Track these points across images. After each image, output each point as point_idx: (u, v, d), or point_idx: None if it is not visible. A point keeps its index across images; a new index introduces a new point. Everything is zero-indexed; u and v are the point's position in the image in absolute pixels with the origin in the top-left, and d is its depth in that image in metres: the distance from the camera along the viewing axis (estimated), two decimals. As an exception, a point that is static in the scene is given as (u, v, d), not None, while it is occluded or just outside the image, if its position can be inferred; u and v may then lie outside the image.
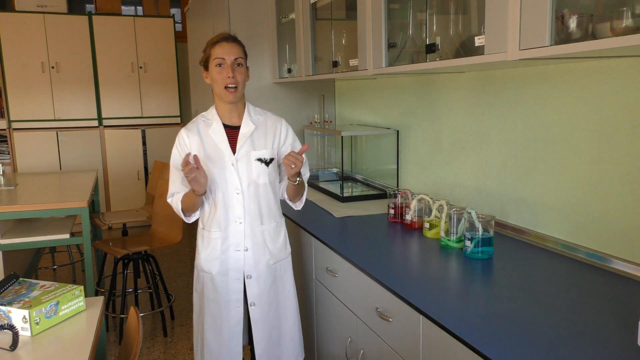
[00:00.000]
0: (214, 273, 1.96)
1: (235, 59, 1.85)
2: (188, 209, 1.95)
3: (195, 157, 1.77)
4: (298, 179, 1.91)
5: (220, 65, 1.85)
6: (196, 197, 1.87)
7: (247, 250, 1.96)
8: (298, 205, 2.08)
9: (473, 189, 2.18)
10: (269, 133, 1.98)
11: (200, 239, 2.01)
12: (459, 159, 2.26)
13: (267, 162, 1.95)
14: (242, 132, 1.94)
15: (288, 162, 1.80)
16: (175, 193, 1.97)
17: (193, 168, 1.75)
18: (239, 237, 1.95)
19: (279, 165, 2.03)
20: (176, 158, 1.95)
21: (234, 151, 1.92)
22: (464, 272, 1.61)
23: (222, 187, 1.91)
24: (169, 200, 1.99)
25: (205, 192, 1.90)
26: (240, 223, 1.94)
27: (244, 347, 2.08)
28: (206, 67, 1.91)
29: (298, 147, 2.03)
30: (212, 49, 1.87)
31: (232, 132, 1.94)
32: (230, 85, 1.85)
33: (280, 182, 2.07)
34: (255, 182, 1.93)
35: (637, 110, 1.47)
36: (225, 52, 1.85)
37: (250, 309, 1.99)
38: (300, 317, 2.13)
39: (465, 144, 2.20)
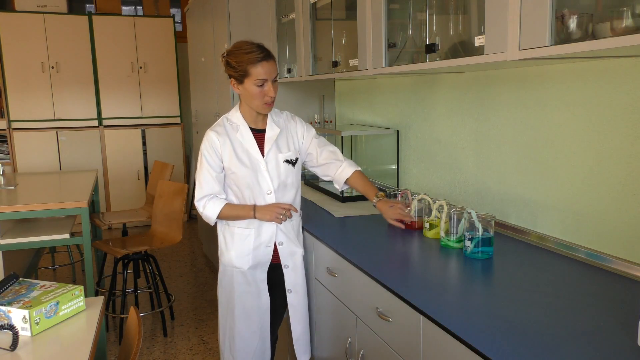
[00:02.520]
0: (245, 268, 2.05)
1: (275, 76, 1.91)
2: (229, 218, 2.02)
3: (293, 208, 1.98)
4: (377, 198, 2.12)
5: (261, 85, 1.88)
6: (251, 217, 1.99)
7: (282, 244, 2.08)
8: (341, 188, 2.23)
9: (473, 189, 2.18)
10: (290, 135, 2.10)
11: (229, 237, 2.06)
12: (459, 159, 2.26)
13: (294, 163, 2.07)
14: (268, 135, 2.02)
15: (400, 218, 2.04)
16: (208, 196, 1.97)
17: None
18: (271, 234, 2.05)
19: (304, 156, 2.17)
20: (209, 159, 1.96)
21: (262, 154, 2.01)
22: (464, 272, 1.61)
23: (255, 189, 1.99)
24: (198, 203, 1.98)
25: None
26: (273, 223, 2.03)
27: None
28: (239, 81, 1.91)
29: (312, 133, 2.16)
30: (252, 69, 1.86)
31: (257, 135, 2.02)
32: (269, 102, 1.93)
33: (318, 167, 2.19)
34: (285, 182, 2.04)
35: (637, 110, 1.47)
36: (267, 73, 1.87)
37: (288, 295, 2.14)
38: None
39: (465, 144, 2.20)
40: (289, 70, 3.24)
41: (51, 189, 3.54)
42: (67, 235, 3.15)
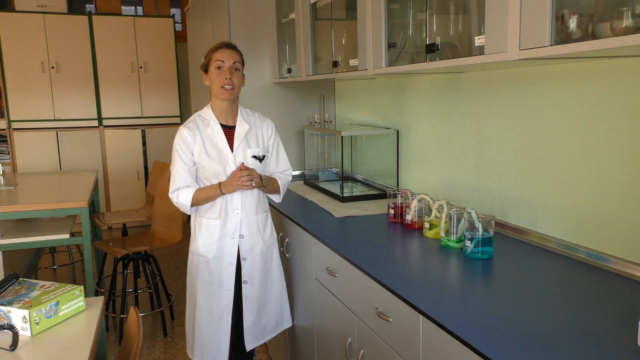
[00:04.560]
0: (210, 257, 2.15)
1: (234, 62, 2.08)
2: (201, 202, 2.12)
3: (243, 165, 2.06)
4: (263, 182, 2.11)
5: (219, 67, 2.06)
6: (219, 194, 2.08)
7: (242, 237, 2.17)
8: (277, 199, 2.31)
9: (473, 189, 2.18)
10: (259, 132, 2.21)
11: (197, 226, 2.18)
12: (459, 159, 2.26)
13: (261, 159, 2.18)
14: (238, 131, 2.15)
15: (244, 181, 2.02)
16: (181, 188, 2.11)
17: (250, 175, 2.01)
18: (236, 226, 2.15)
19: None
20: (181, 153, 2.09)
21: (231, 149, 2.11)
22: (464, 272, 1.61)
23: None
24: (172, 195, 2.12)
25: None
26: (238, 213, 2.15)
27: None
28: (206, 70, 2.11)
29: (278, 144, 2.28)
30: (213, 54, 2.09)
31: (228, 131, 2.14)
32: (226, 86, 2.06)
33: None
34: None
35: (637, 110, 1.47)
36: (225, 57, 2.07)
37: (243, 286, 2.21)
38: (287, 290, 2.39)
39: (465, 144, 2.20)
40: (289, 70, 3.24)
41: (51, 189, 3.54)
42: (67, 235, 3.15)
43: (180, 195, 2.10)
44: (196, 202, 2.11)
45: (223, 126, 2.13)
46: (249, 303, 2.22)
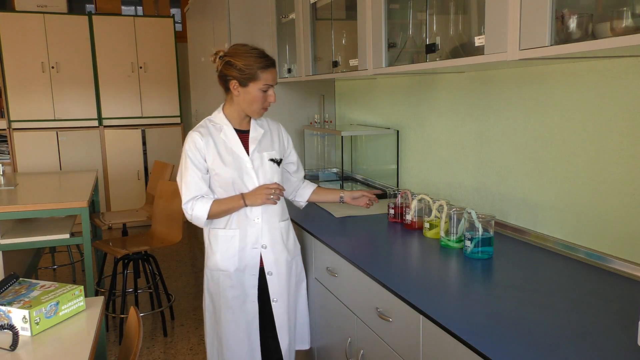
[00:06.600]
0: (232, 270, 2.00)
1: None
2: (219, 215, 1.96)
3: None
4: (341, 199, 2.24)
5: (266, 90, 1.93)
6: (243, 206, 1.96)
7: (265, 247, 2.03)
8: (303, 205, 2.30)
9: (473, 189, 2.18)
10: (274, 136, 2.11)
11: (214, 239, 2.01)
12: (459, 159, 2.26)
13: (278, 162, 2.07)
14: (252, 135, 2.03)
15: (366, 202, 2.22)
16: (196, 197, 1.93)
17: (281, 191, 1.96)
18: (257, 235, 2.01)
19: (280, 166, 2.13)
20: (194, 160, 1.93)
21: (247, 153, 2.00)
22: (464, 272, 1.61)
23: (240, 189, 1.97)
24: (186, 206, 1.93)
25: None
26: (258, 221, 2.01)
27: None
28: (243, 84, 1.91)
29: (292, 149, 2.21)
30: (262, 73, 1.90)
31: (241, 135, 2.02)
32: (267, 107, 1.99)
33: (290, 183, 2.25)
34: (270, 181, 2.02)
35: (637, 110, 1.47)
36: (274, 80, 1.95)
37: (273, 304, 2.06)
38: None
39: (465, 143, 2.20)
40: (289, 70, 3.24)
41: (51, 189, 3.54)
42: (67, 235, 3.15)
43: (196, 206, 1.91)
44: (213, 215, 1.94)
45: (236, 131, 2.01)
46: (282, 324, 2.06)
